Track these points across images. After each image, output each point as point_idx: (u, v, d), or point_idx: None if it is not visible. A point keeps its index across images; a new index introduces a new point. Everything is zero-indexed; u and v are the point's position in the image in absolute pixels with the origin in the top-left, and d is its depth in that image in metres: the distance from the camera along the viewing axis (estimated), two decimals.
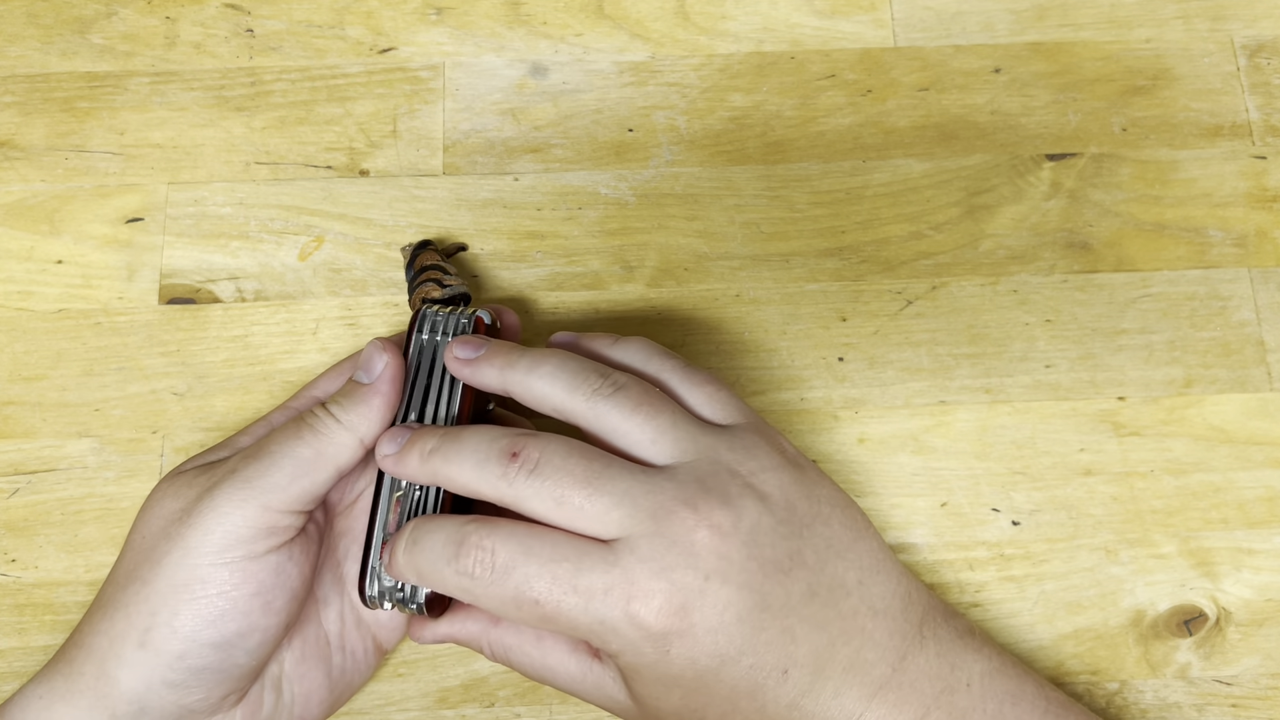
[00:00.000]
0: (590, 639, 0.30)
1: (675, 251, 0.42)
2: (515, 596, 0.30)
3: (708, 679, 0.30)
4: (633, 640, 0.29)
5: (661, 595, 0.29)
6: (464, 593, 0.30)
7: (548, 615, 0.30)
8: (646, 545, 0.29)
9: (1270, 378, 0.40)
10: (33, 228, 0.41)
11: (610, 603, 0.29)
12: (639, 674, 0.30)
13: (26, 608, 0.38)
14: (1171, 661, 0.37)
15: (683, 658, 0.29)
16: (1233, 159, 0.43)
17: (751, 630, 0.30)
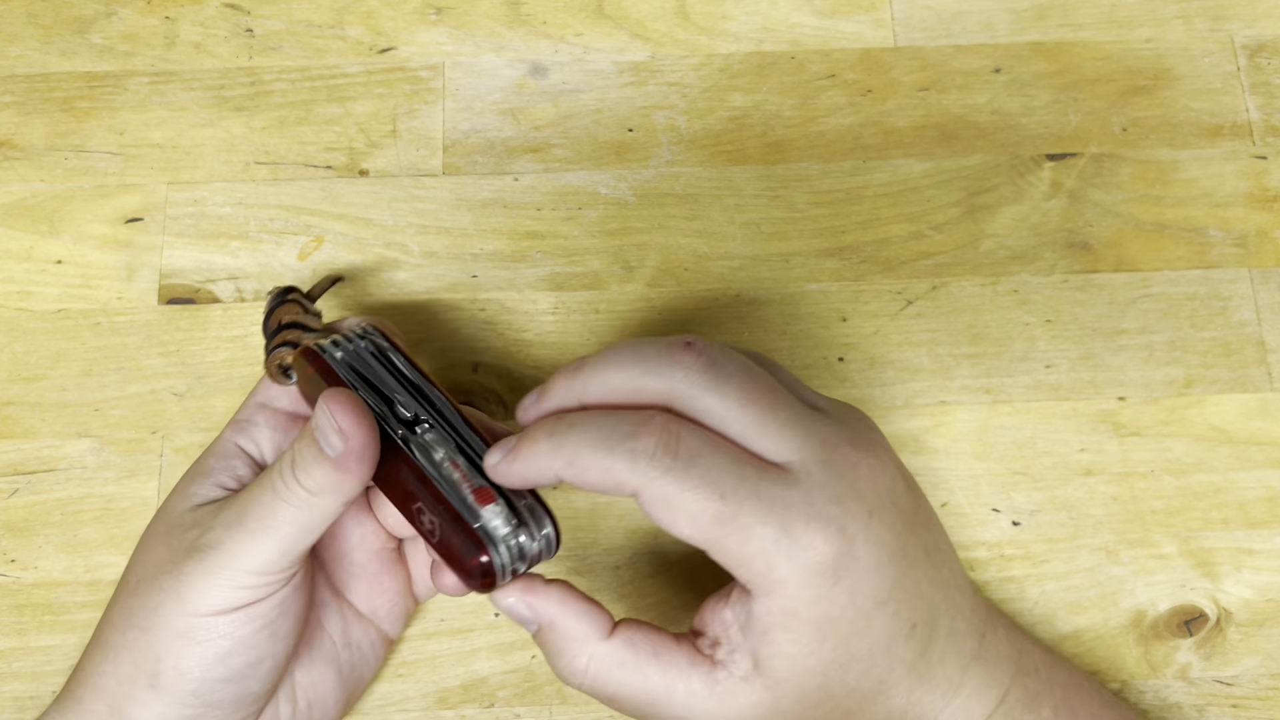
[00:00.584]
0: (754, 562, 0.28)
1: (675, 251, 0.42)
2: (698, 486, 0.28)
3: (860, 626, 0.29)
4: (804, 566, 0.28)
5: (836, 522, 0.28)
6: (629, 477, 0.28)
7: (724, 517, 0.28)
8: (820, 472, 0.29)
9: (1271, 378, 0.40)
10: (32, 228, 0.41)
11: (792, 518, 0.28)
12: (795, 616, 0.28)
13: (26, 608, 0.37)
14: (1172, 662, 0.37)
15: (845, 594, 0.28)
16: (1233, 159, 0.43)
17: (897, 575, 0.29)
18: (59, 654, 0.37)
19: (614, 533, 0.39)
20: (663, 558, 0.38)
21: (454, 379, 0.40)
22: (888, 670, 0.30)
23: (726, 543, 0.28)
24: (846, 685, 0.29)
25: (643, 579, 0.38)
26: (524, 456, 0.29)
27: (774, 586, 0.28)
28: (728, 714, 0.29)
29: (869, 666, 0.29)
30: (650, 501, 0.28)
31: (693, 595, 0.38)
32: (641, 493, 0.28)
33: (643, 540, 0.38)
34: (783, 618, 0.28)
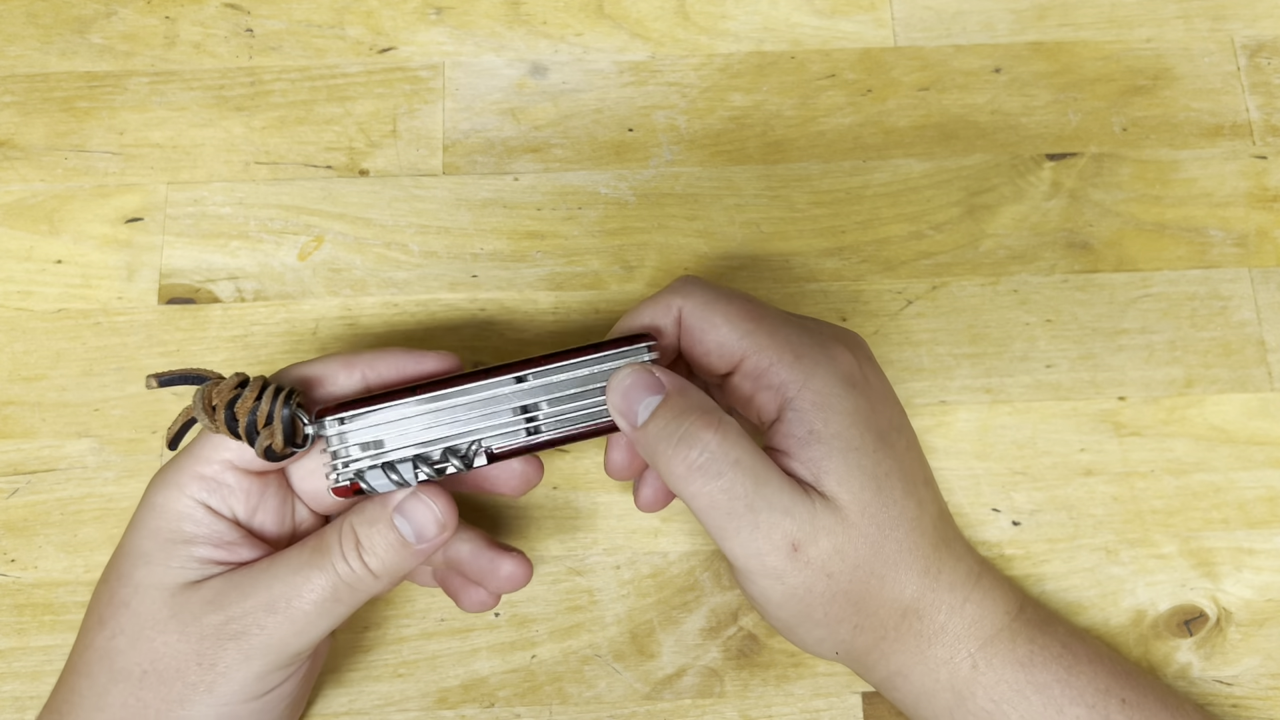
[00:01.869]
0: (785, 349, 0.31)
1: (675, 251, 0.42)
2: (730, 293, 0.33)
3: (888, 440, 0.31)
4: (829, 360, 0.31)
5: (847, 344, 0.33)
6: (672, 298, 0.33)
7: (754, 312, 0.32)
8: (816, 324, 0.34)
9: (1271, 378, 0.40)
10: (32, 227, 0.41)
11: (806, 322, 0.33)
12: (829, 406, 0.31)
13: (26, 608, 0.37)
14: (1172, 661, 0.37)
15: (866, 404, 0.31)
16: (1233, 159, 0.43)
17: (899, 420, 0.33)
18: (59, 654, 0.37)
19: (614, 533, 0.39)
20: (663, 558, 0.38)
21: None
22: (919, 506, 0.32)
23: (760, 337, 0.31)
24: (894, 505, 0.31)
25: (642, 579, 0.38)
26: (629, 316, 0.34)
27: (805, 377, 0.31)
28: (816, 521, 0.30)
29: (906, 491, 0.31)
30: (694, 309, 0.32)
31: (693, 595, 0.38)
32: (685, 303, 0.32)
33: (643, 540, 0.38)
34: (821, 410, 0.31)
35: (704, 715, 0.37)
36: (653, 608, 0.38)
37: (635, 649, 0.37)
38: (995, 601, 0.33)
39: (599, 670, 0.37)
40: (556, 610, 0.38)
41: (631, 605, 0.38)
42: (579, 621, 0.38)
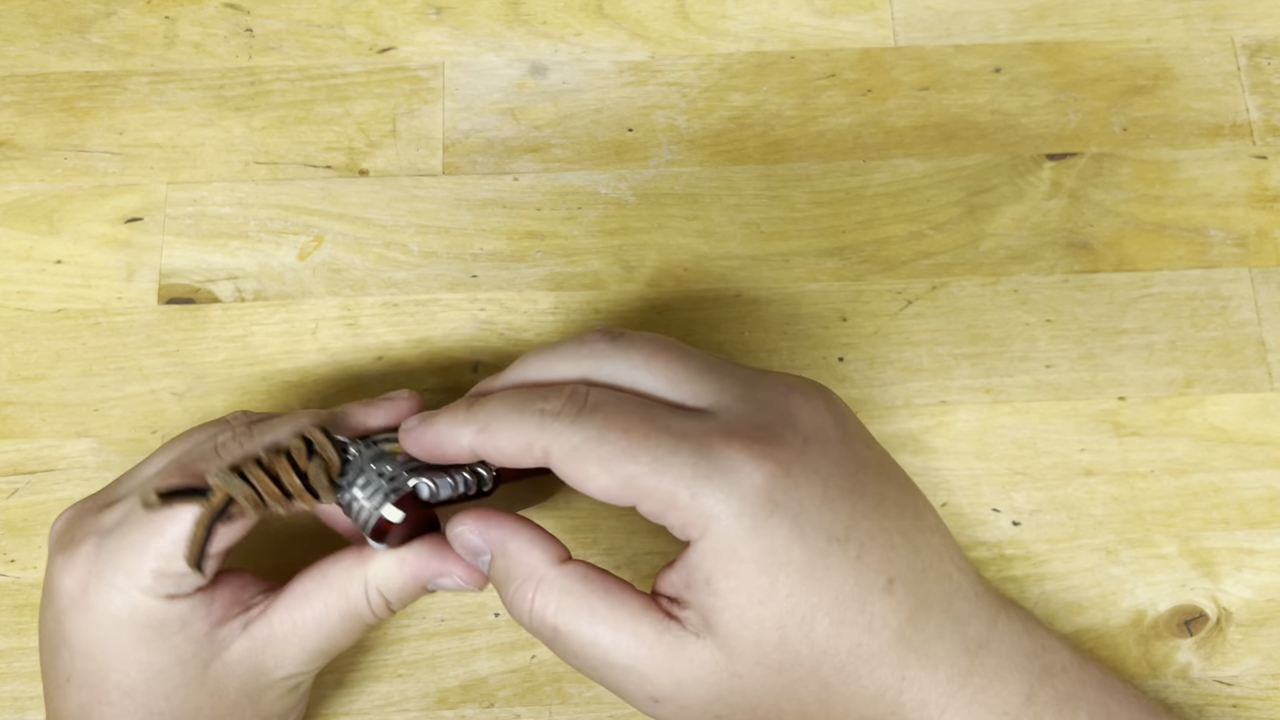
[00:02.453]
0: (677, 497, 0.26)
1: (675, 251, 0.42)
2: (603, 427, 0.26)
3: (817, 567, 0.26)
4: (730, 491, 0.25)
5: (761, 443, 0.26)
6: (538, 436, 0.27)
7: (634, 451, 0.26)
8: (740, 406, 0.27)
9: (1271, 378, 0.40)
10: (32, 227, 0.41)
11: (708, 442, 0.26)
12: (734, 557, 0.26)
13: (26, 608, 0.37)
14: (1172, 662, 0.37)
15: (788, 525, 0.26)
16: (1233, 159, 0.43)
17: (854, 515, 0.26)
18: None
19: (614, 533, 0.39)
20: (662, 558, 0.38)
21: (454, 379, 0.40)
22: (866, 631, 0.26)
23: (643, 481, 0.26)
24: (815, 644, 0.26)
25: (642, 579, 0.38)
26: (438, 423, 0.29)
27: (706, 523, 0.26)
28: (678, 674, 0.26)
29: (838, 622, 0.26)
30: (561, 458, 0.27)
31: None
32: (551, 451, 0.27)
33: (642, 540, 0.38)
34: (721, 560, 0.26)
35: None
36: None
37: None
38: (990, 701, 0.28)
39: None
40: None
41: None
42: None
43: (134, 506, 0.29)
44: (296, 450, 0.29)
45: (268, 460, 0.29)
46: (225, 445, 0.30)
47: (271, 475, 0.29)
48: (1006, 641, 0.29)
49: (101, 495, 0.32)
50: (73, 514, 0.32)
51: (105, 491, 0.32)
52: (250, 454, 0.30)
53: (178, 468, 0.30)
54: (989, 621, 0.29)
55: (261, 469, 0.29)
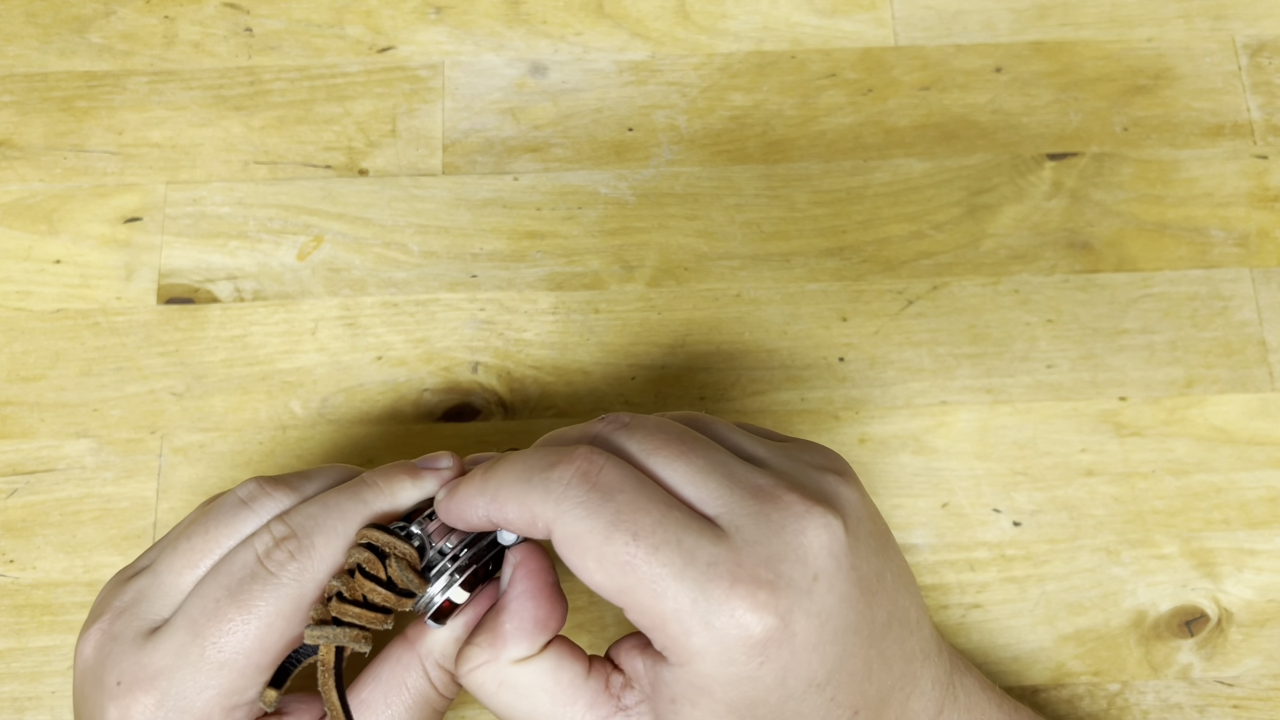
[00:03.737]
0: (668, 625, 0.25)
1: (675, 251, 0.42)
2: (611, 523, 0.25)
3: (786, 711, 0.25)
4: (724, 639, 0.24)
5: (767, 590, 0.24)
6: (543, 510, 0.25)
7: (636, 563, 0.24)
8: (751, 527, 0.25)
9: (1272, 378, 0.40)
10: (31, 227, 0.41)
11: (714, 577, 0.24)
12: (707, 694, 0.25)
13: (25, 608, 0.37)
14: (1173, 662, 0.37)
15: (773, 675, 0.25)
16: (1234, 158, 0.43)
17: (841, 655, 0.25)
18: (57, 654, 0.37)
19: None
20: None
21: (454, 379, 0.40)
22: None
23: (638, 596, 0.25)
24: None
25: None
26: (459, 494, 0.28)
27: (689, 657, 0.25)
28: None
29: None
30: (561, 540, 0.25)
31: None
32: (554, 529, 0.25)
33: None
34: (693, 693, 0.25)
35: None
36: None
37: None
38: None
39: None
40: None
41: None
42: (579, 622, 0.38)
43: (189, 642, 0.27)
44: (368, 562, 0.27)
45: (348, 588, 0.27)
46: (272, 559, 0.28)
47: (362, 602, 0.27)
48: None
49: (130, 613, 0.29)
50: (103, 640, 0.28)
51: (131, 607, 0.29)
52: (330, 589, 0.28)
53: (227, 594, 0.27)
54: (935, 713, 0.29)
55: (348, 601, 0.27)
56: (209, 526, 0.29)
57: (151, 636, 0.28)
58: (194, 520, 0.30)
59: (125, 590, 0.29)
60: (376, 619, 0.27)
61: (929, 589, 0.38)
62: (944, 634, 0.38)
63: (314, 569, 0.28)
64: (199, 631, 0.27)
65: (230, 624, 0.27)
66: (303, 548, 0.28)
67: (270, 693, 0.28)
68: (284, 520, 0.28)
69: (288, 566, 0.27)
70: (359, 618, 0.27)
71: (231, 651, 0.27)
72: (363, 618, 0.27)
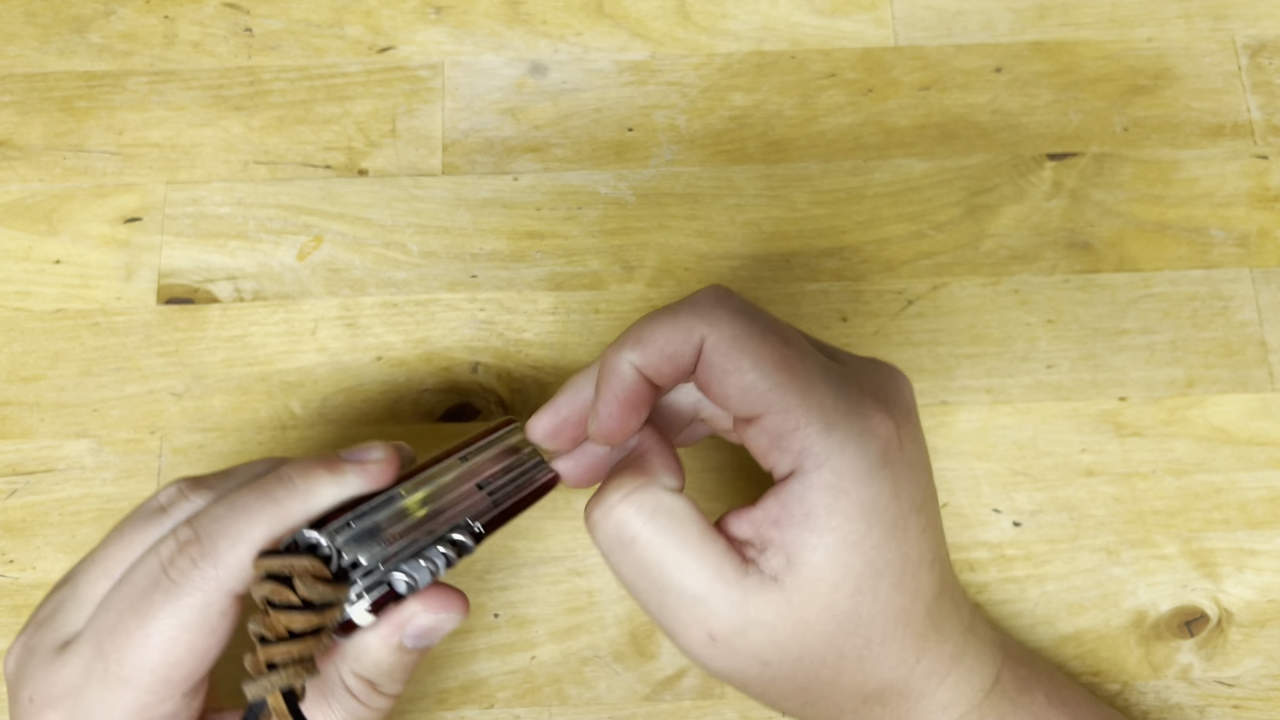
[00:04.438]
0: (811, 419, 0.26)
1: (675, 251, 0.41)
2: (766, 327, 0.27)
3: (899, 528, 0.27)
4: (860, 435, 0.26)
5: (885, 406, 0.27)
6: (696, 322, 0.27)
7: (791, 361, 0.27)
8: (860, 366, 0.29)
9: (1272, 378, 0.40)
10: (30, 227, 0.41)
11: (847, 386, 0.27)
12: (843, 494, 0.26)
13: (25, 609, 0.37)
14: (1173, 663, 0.37)
15: (890, 484, 0.27)
16: (1234, 159, 0.43)
17: (927, 492, 0.28)
18: None
19: None
20: None
21: (453, 379, 0.40)
22: (912, 598, 0.28)
23: (787, 394, 0.26)
24: (877, 600, 0.27)
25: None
26: (605, 361, 0.28)
27: (827, 456, 0.26)
28: (748, 615, 0.27)
29: (897, 585, 0.27)
30: (715, 345, 0.27)
31: None
32: (709, 335, 0.27)
33: None
34: (829, 496, 0.26)
35: (704, 716, 0.37)
36: None
37: (635, 650, 0.37)
38: (972, 679, 0.30)
39: (599, 671, 0.37)
40: (556, 611, 0.38)
41: (631, 606, 0.38)
42: (579, 623, 0.38)
43: (94, 659, 0.26)
44: (274, 592, 0.25)
45: (267, 628, 0.25)
46: (174, 565, 0.26)
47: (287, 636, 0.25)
48: (983, 628, 0.31)
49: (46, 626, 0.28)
50: (21, 654, 0.27)
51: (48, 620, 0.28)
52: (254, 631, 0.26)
53: (129, 605, 0.26)
54: (973, 607, 0.31)
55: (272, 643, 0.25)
56: (124, 533, 0.28)
57: (62, 652, 0.27)
58: (116, 527, 0.29)
59: (48, 602, 0.28)
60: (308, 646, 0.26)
61: None
62: None
63: (218, 576, 0.26)
64: (102, 648, 0.26)
65: (130, 639, 0.26)
66: (204, 553, 0.26)
67: None
68: (190, 524, 0.27)
69: (190, 574, 0.26)
70: (290, 653, 0.25)
71: (133, 668, 0.26)
72: (294, 652, 0.25)
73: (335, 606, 0.26)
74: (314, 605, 0.25)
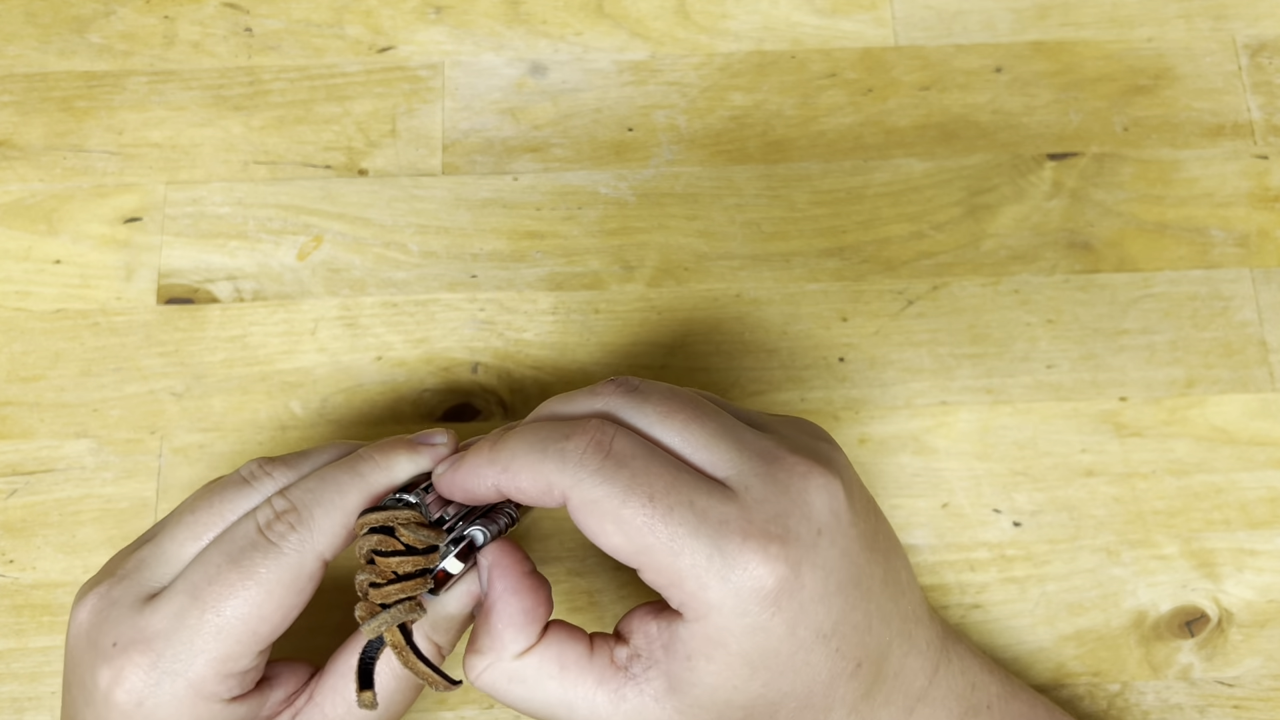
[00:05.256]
0: (685, 581, 0.26)
1: (675, 251, 0.41)
2: (628, 487, 0.26)
3: (798, 662, 0.26)
4: (739, 591, 0.26)
5: (778, 543, 0.26)
6: (558, 479, 0.26)
7: (654, 523, 0.26)
8: (760, 487, 0.27)
9: (1272, 378, 0.40)
10: (30, 227, 0.41)
11: (727, 534, 0.26)
12: (722, 647, 0.26)
13: (25, 609, 0.37)
14: (1173, 663, 0.37)
15: (784, 625, 0.26)
16: (1235, 159, 0.43)
17: (844, 608, 0.27)
18: (57, 655, 0.37)
19: None
20: None
21: (453, 379, 0.40)
22: (824, 712, 0.28)
23: (656, 555, 0.26)
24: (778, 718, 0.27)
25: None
26: (465, 465, 0.28)
27: (705, 611, 0.26)
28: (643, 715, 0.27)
29: (803, 707, 0.27)
30: (579, 506, 0.26)
31: None
32: (570, 496, 0.26)
33: None
34: (709, 647, 0.26)
35: None
36: None
37: None
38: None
39: None
40: (556, 611, 0.37)
41: (631, 605, 0.38)
42: (579, 623, 0.38)
43: (188, 606, 0.28)
44: (380, 543, 0.28)
45: (377, 574, 0.28)
46: (274, 530, 0.28)
47: (394, 578, 0.28)
48: (941, 688, 0.30)
49: (130, 579, 0.29)
50: (100, 604, 0.29)
51: (132, 574, 0.29)
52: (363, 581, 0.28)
53: (229, 561, 0.28)
54: (931, 672, 0.30)
55: (383, 583, 0.28)
56: (213, 501, 0.30)
57: (150, 601, 0.28)
58: (198, 496, 0.30)
59: (127, 560, 0.30)
60: (416, 585, 0.28)
61: (929, 589, 0.38)
62: None
63: (313, 540, 0.28)
64: (199, 596, 0.28)
65: (230, 589, 0.28)
66: (302, 520, 0.29)
67: (367, 696, 0.29)
68: (284, 495, 0.29)
69: (288, 537, 0.28)
70: (402, 591, 0.28)
71: (230, 617, 0.27)
72: (404, 589, 0.28)
73: (434, 552, 0.29)
74: (416, 550, 0.28)
